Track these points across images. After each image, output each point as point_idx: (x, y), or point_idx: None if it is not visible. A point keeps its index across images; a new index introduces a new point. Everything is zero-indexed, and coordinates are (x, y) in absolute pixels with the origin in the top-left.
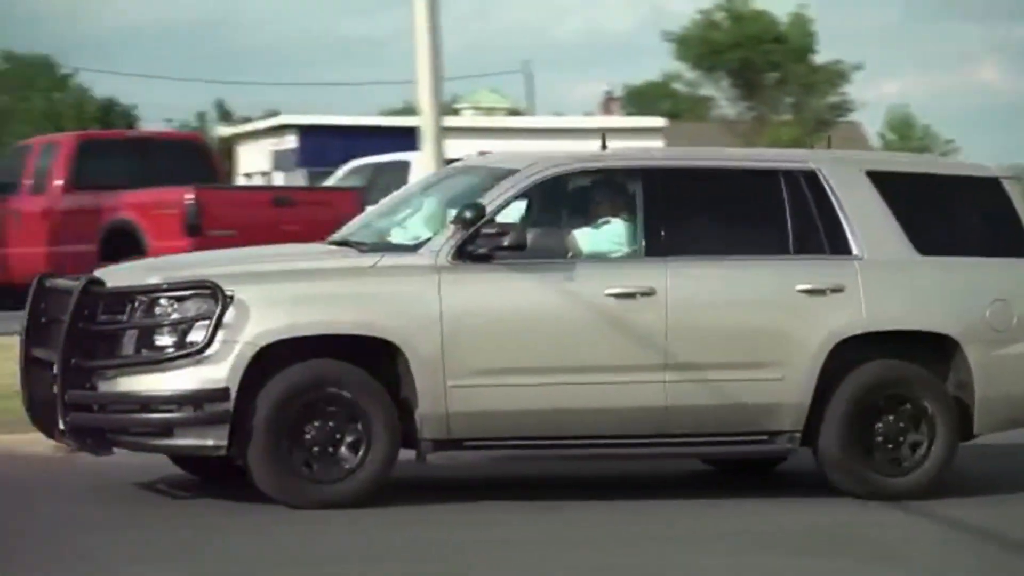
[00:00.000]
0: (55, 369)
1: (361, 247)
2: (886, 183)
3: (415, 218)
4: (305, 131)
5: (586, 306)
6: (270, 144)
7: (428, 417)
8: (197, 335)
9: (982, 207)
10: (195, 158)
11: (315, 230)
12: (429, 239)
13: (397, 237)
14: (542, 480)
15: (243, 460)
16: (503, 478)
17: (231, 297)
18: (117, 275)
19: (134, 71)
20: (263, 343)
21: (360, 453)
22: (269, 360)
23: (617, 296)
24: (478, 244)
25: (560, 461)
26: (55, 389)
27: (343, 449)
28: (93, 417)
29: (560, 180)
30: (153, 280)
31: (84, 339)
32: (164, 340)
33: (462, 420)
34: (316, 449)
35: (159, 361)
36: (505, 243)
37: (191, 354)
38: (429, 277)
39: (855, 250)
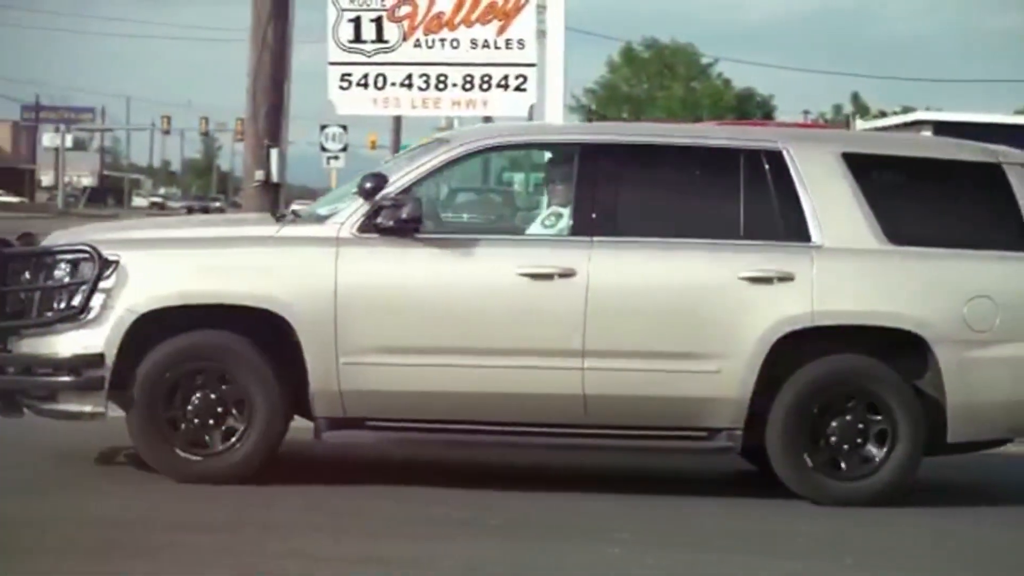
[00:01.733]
0: None
1: (288, 218)
2: (864, 166)
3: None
4: (939, 128)
5: (496, 285)
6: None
7: (320, 394)
8: (78, 301)
9: (977, 195)
10: None
11: None
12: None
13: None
14: (463, 465)
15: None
16: (406, 460)
17: (114, 263)
18: (50, 238)
19: (773, 62)
20: (143, 310)
21: (241, 428)
22: (160, 329)
23: (532, 276)
24: (382, 217)
25: (497, 448)
26: None
27: (226, 422)
28: (2, 379)
29: (483, 155)
30: (44, 245)
31: None
32: (50, 304)
33: (356, 398)
34: (196, 421)
35: (44, 324)
36: (402, 216)
37: (68, 318)
38: (326, 248)
39: (814, 237)
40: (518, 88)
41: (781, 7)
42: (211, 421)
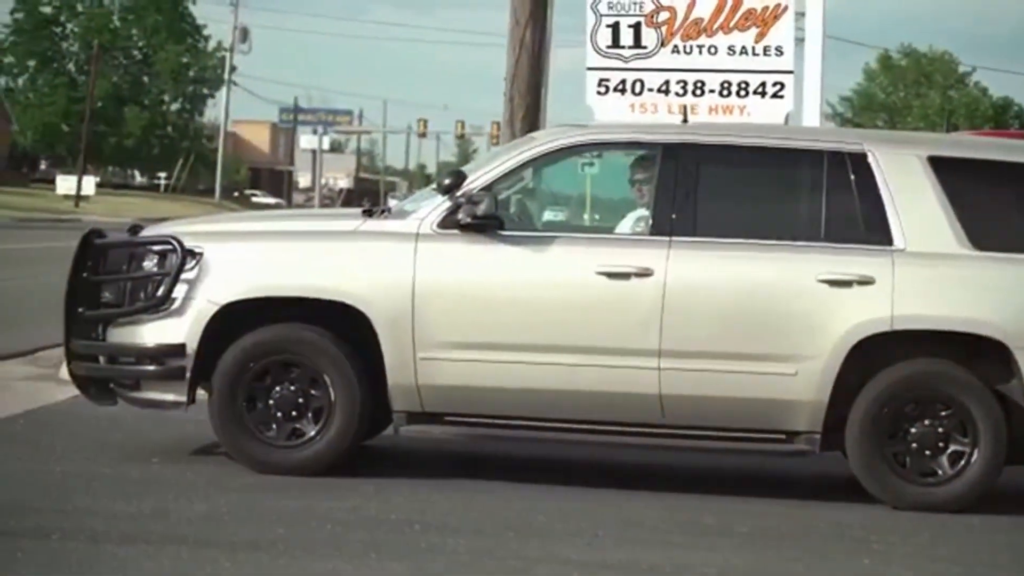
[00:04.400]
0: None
1: (377, 213)
2: (951, 170)
3: None
4: None
5: (573, 283)
6: None
7: (398, 388)
8: (162, 291)
9: None
10: None
11: None
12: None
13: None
14: (532, 460)
15: None
16: (491, 455)
17: (197, 254)
18: (146, 230)
19: None
20: (224, 302)
21: (320, 423)
22: (242, 321)
23: (609, 275)
24: (461, 214)
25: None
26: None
27: (306, 417)
28: (93, 366)
29: (567, 153)
30: (131, 235)
31: (85, 289)
32: (137, 294)
33: (434, 393)
34: (279, 414)
35: (130, 314)
36: (481, 212)
37: (152, 308)
38: (405, 244)
39: (896, 240)
40: (775, 95)
41: None
42: (292, 413)
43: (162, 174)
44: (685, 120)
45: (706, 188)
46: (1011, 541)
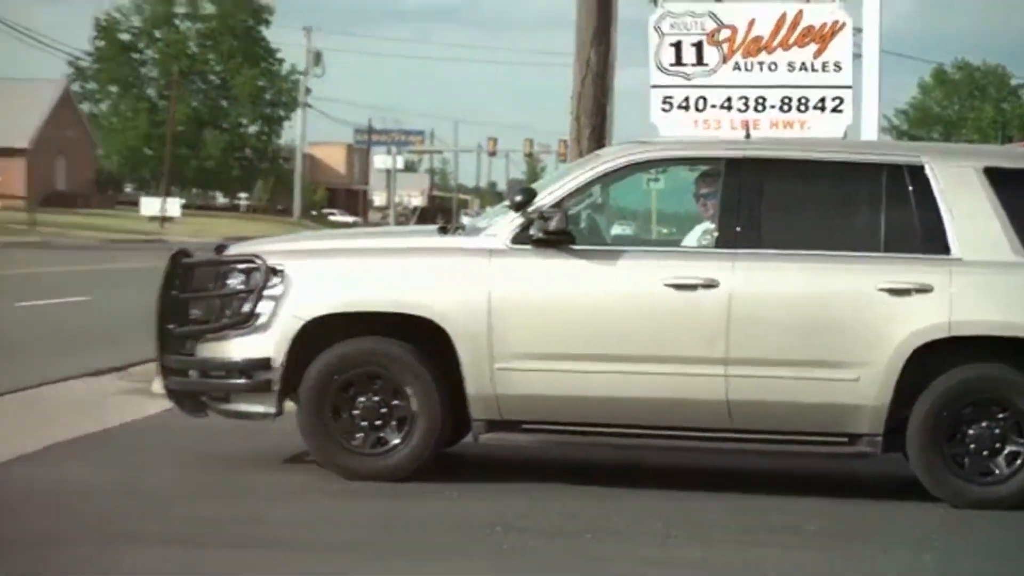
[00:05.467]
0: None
1: (451, 230)
2: (1006, 181)
3: None
4: None
5: (642, 295)
6: None
7: (477, 398)
8: (247, 308)
9: None
10: None
11: None
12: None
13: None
14: (606, 465)
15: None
16: (566, 460)
17: (280, 272)
18: (231, 249)
19: None
20: (307, 317)
21: (403, 431)
22: (328, 335)
23: (676, 287)
24: (534, 230)
25: (618, 450)
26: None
27: (389, 426)
28: (185, 380)
29: (634, 169)
30: (217, 254)
31: (175, 307)
32: (226, 311)
33: (511, 402)
34: (364, 424)
35: (218, 329)
36: (552, 227)
37: (238, 324)
38: (480, 260)
39: (953, 249)
40: (835, 110)
41: None
42: (376, 422)
43: (243, 194)
44: (748, 135)
45: (769, 201)
46: (1010, 526)
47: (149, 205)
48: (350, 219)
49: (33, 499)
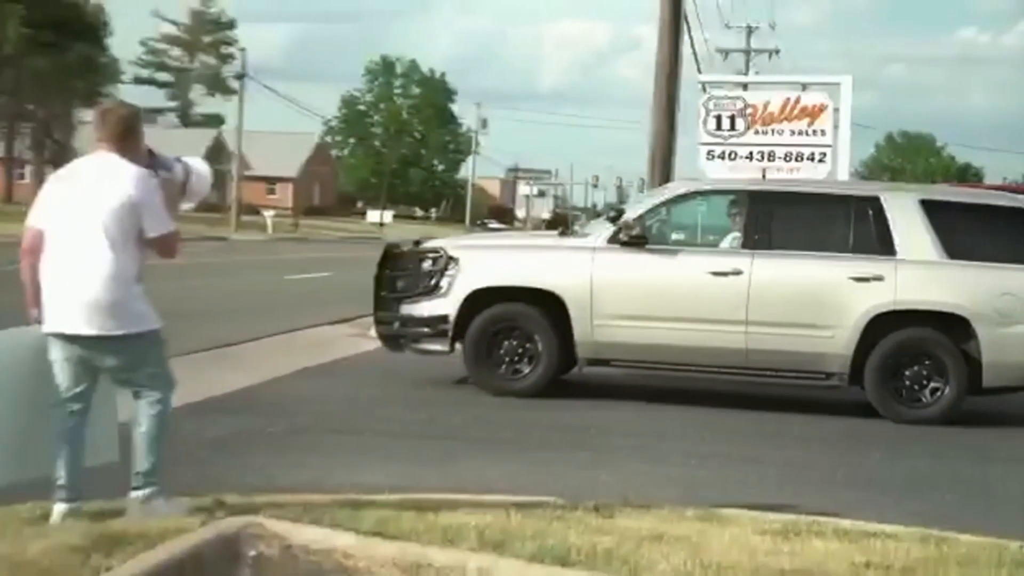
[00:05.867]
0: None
1: (568, 234)
2: (933, 208)
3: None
4: None
5: (692, 279)
6: None
7: (582, 344)
8: (434, 282)
9: (1007, 229)
10: None
11: None
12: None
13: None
14: (664, 389)
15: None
16: (639, 386)
17: (456, 259)
18: (424, 244)
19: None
20: (472, 289)
21: (531, 365)
22: (485, 300)
23: (715, 273)
24: (621, 235)
25: (674, 379)
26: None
27: (523, 360)
28: (391, 328)
29: (688, 196)
30: (415, 246)
31: (386, 280)
32: (420, 284)
33: (605, 347)
34: (507, 358)
35: (415, 296)
36: (633, 234)
37: (428, 292)
38: (586, 254)
39: (899, 253)
40: (820, 160)
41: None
42: (514, 358)
43: (433, 210)
44: (764, 177)
45: (777, 219)
46: (967, 440)
47: (373, 215)
48: (500, 227)
49: (287, 404)
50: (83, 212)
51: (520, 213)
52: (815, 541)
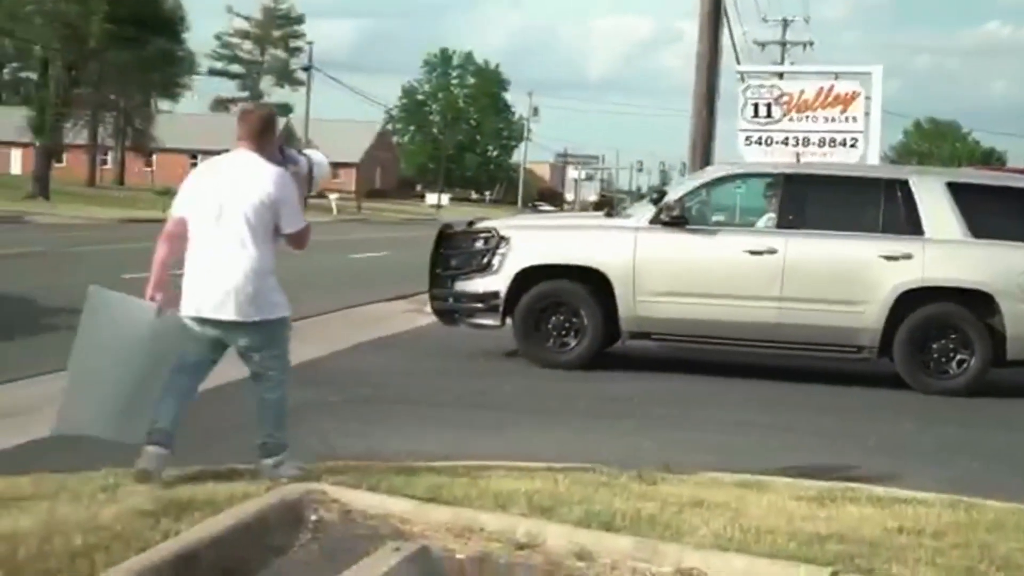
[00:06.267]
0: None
1: (613, 214)
2: (959, 191)
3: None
4: None
5: (730, 257)
6: None
7: (625, 319)
8: (486, 260)
9: None
10: None
11: None
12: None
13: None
14: (704, 361)
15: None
16: (678, 358)
17: (507, 239)
18: (477, 224)
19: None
20: (522, 267)
21: (577, 338)
22: (534, 277)
23: (751, 252)
24: (662, 215)
25: (712, 352)
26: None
27: (570, 334)
28: (445, 304)
29: (727, 179)
30: (468, 227)
31: (440, 258)
32: (473, 262)
33: (647, 322)
34: (554, 332)
35: (468, 273)
36: (674, 214)
37: (480, 270)
38: (630, 234)
39: (926, 233)
40: (851, 146)
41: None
42: (562, 332)
43: (487, 192)
44: (798, 160)
45: (810, 200)
46: (993, 411)
47: (431, 198)
48: (549, 208)
49: (348, 375)
50: (227, 207)
51: (569, 196)
52: (850, 507)
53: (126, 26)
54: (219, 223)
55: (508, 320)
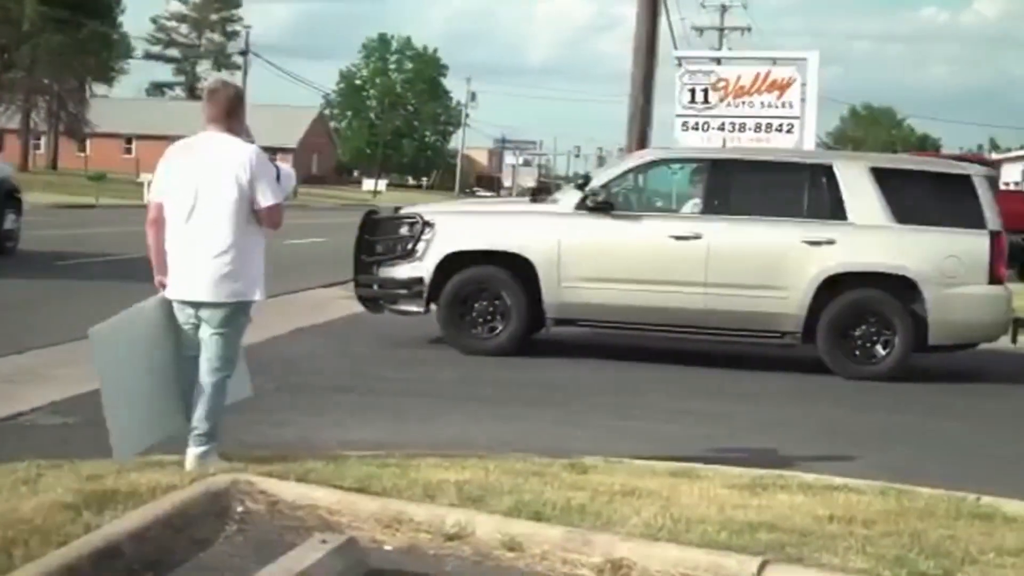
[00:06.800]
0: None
1: (538, 199)
2: (883, 175)
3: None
4: None
5: (655, 243)
6: (1021, 165)
7: (550, 305)
8: (411, 246)
9: (953, 194)
10: None
11: None
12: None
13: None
14: (629, 348)
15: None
16: (605, 344)
17: (431, 224)
18: (402, 210)
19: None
20: (445, 253)
21: (501, 325)
22: (458, 263)
23: (676, 237)
24: (588, 201)
25: (647, 338)
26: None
27: (495, 320)
28: (370, 290)
29: (652, 165)
30: (394, 213)
31: (365, 245)
32: (397, 248)
33: (572, 308)
34: (478, 319)
35: (393, 259)
36: (599, 200)
37: (405, 256)
38: (554, 218)
39: (849, 217)
40: (787, 131)
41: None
42: (486, 318)
43: (424, 179)
44: (724, 146)
45: (735, 185)
46: (925, 396)
47: (368, 184)
48: (487, 194)
49: (281, 362)
50: (203, 188)
51: (507, 182)
52: (781, 495)
53: (60, 8)
54: (196, 204)
55: (433, 306)
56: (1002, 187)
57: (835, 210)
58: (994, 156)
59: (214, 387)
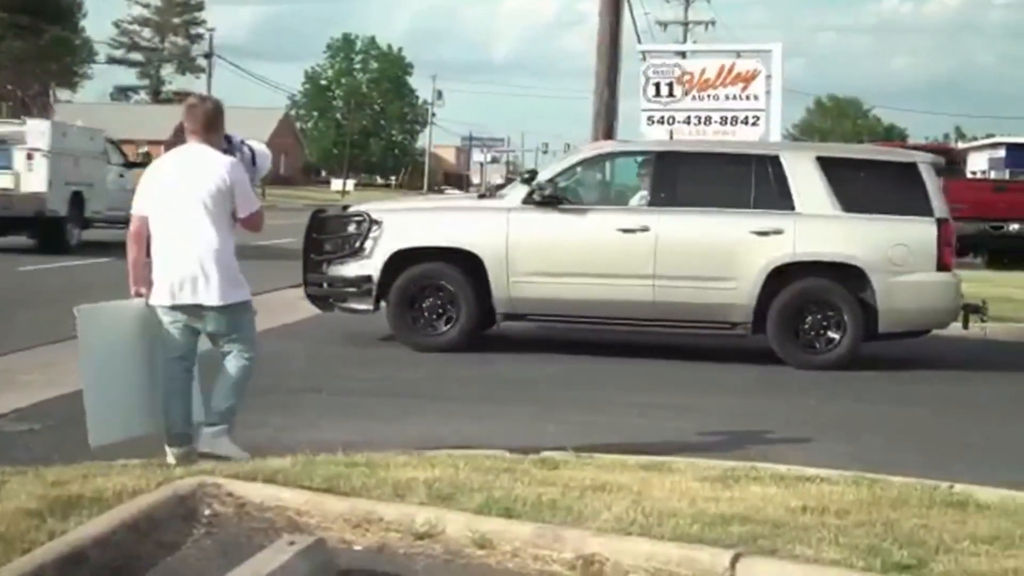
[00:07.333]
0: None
1: (486, 195)
2: (829, 165)
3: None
4: (1011, 147)
5: (602, 236)
6: (987, 154)
7: (499, 300)
8: (359, 244)
9: (900, 183)
10: None
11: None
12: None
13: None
14: (578, 341)
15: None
16: (556, 339)
17: (379, 222)
18: (350, 208)
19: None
20: (394, 249)
21: (451, 321)
22: (407, 260)
23: (623, 231)
24: (535, 195)
25: (588, 332)
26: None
27: (444, 317)
28: (319, 289)
29: (601, 158)
30: (341, 211)
31: (314, 243)
32: (345, 246)
33: (522, 303)
34: (429, 315)
35: (341, 257)
36: (546, 194)
37: (353, 254)
38: (502, 214)
39: (796, 207)
40: (753, 124)
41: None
42: (436, 314)
43: (392, 178)
44: (671, 138)
45: (682, 177)
46: (888, 386)
47: (336, 184)
48: (455, 191)
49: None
50: (186, 199)
51: (475, 179)
52: (753, 486)
53: (20, 14)
54: (179, 214)
55: (383, 304)
56: (968, 176)
57: (783, 200)
58: (960, 145)
59: (243, 369)
